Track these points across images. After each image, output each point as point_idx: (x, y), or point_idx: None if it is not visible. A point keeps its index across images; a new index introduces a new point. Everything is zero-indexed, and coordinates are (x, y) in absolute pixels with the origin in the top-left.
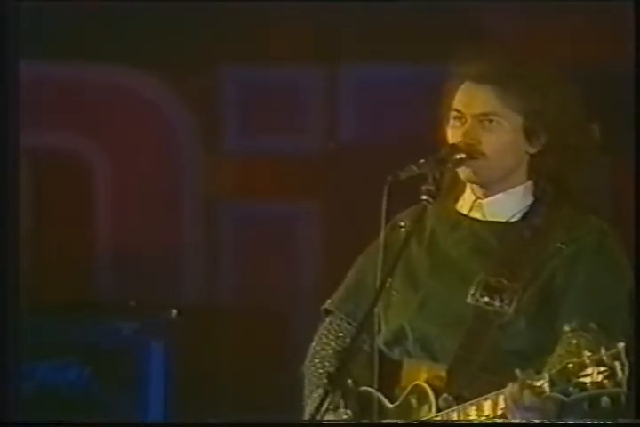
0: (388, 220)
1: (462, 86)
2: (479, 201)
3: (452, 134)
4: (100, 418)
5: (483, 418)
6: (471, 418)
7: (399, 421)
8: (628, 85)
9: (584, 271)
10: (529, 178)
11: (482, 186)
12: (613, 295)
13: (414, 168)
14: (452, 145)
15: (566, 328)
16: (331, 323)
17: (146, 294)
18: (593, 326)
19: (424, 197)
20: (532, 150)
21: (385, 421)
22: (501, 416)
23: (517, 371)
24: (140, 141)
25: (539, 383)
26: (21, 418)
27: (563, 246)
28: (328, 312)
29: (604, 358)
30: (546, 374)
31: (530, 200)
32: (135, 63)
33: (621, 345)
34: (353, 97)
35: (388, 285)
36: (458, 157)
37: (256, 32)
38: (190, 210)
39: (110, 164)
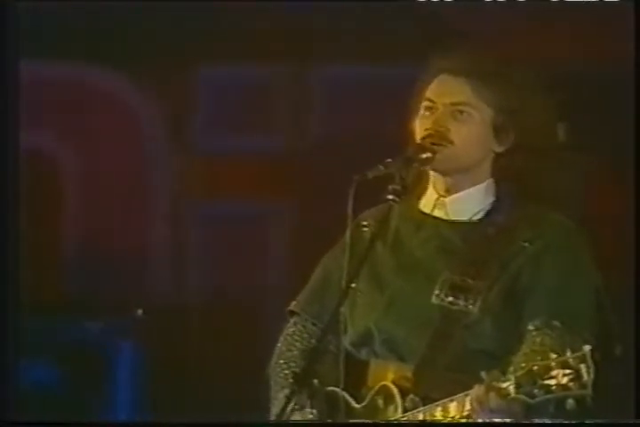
0: (354, 220)
1: (437, 78)
2: (442, 199)
3: (421, 124)
4: (69, 417)
5: (448, 419)
6: (437, 419)
7: (366, 421)
8: (628, 85)
9: (548, 269)
10: (492, 176)
11: (445, 176)
12: (577, 293)
13: (381, 168)
14: (419, 144)
15: (531, 327)
16: (296, 324)
17: (114, 294)
18: (557, 324)
19: (390, 197)
20: (499, 149)
21: (351, 421)
22: (467, 418)
23: (483, 373)
24: (109, 141)
25: (504, 386)
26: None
27: (527, 244)
28: (293, 313)
29: (570, 360)
30: (511, 377)
31: (492, 198)
32: (104, 62)
33: (587, 348)
34: (322, 97)
35: (353, 285)
36: (424, 156)
37: (226, 31)
38: (159, 209)
39: (79, 162)
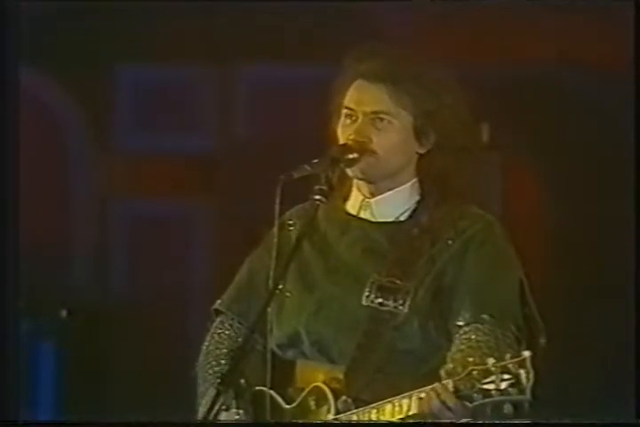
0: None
1: (354, 84)
2: (367, 200)
3: (343, 132)
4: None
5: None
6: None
7: (300, 421)
8: (629, 85)
9: (471, 264)
10: (416, 175)
11: (369, 183)
12: (502, 286)
13: (307, 168)
14: (344, 145)
15: (460, 323)
16: (222, 323)
17: (37, 294)
18: (485, 317)
19: (317, 197)
20: (422, 150)
21: (279, 421)
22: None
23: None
24: (32, 140)
25: (445, 388)
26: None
27: (450, 242)
28: (218, 312)
29: (510, 365)
30: (450, 381)
31: (416, 198)
32: (27, 62)
33: (527, 353)
34: (246, 96)
35: (280, 286)
36: (350, 156)
37: (149, 31)
38: (83, 209)
39: None
